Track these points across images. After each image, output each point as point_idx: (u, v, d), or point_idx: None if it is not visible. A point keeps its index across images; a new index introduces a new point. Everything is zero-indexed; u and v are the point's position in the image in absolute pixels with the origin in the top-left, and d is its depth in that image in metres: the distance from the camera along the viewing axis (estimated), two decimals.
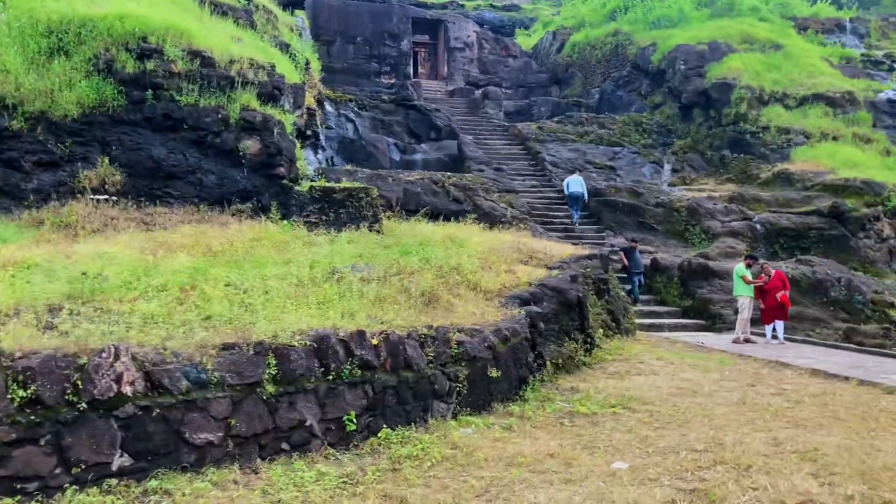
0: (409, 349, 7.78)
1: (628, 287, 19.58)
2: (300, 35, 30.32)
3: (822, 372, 11.26)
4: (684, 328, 18.12)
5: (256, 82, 15.14)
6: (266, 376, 6.49)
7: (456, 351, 8.34)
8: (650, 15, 37.24)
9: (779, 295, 15.70)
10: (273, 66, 15.89)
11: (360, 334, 7.33)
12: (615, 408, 8.91)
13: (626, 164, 30.18)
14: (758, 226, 23.26)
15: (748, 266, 16.00)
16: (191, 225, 12.46)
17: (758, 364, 12.32)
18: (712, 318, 18.32)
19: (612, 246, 22.74)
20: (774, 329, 15.99)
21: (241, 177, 14.67)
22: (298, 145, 17.90)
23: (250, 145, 14.70)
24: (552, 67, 43.74)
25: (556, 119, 33.00)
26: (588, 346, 12.18)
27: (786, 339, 15.99)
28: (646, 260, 20.95)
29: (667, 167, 30.35)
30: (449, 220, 17.98)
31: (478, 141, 30.16)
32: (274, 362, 6.61)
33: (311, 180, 16.93)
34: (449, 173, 22.15)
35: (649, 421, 8.33)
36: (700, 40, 32.96)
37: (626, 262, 20.10)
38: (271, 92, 15.46)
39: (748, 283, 15.66)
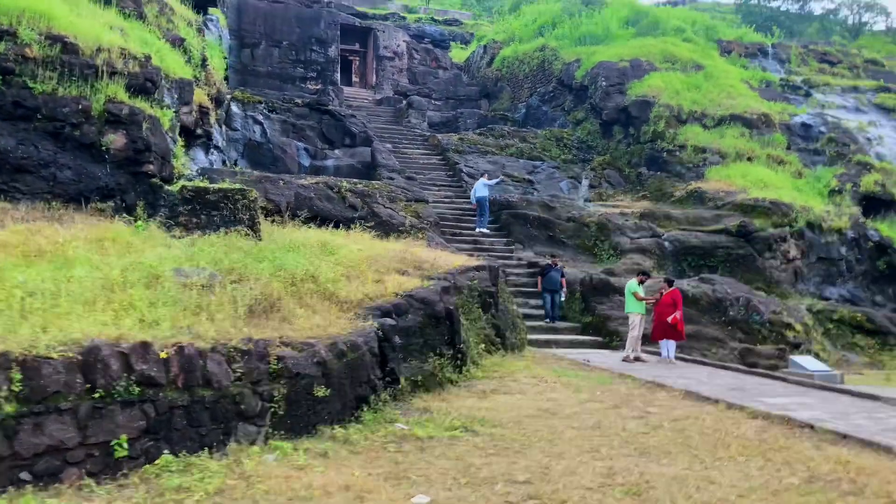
0: (211, 364, 6.92)
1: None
2: (219, 36, 29.25)
3: (695, 394, 10.76)
4: (581, 345, 17.61)
5: (126, 73, 14.10)
6: (3, 394, 5.55)
7: (275, 367, 7.52)
8: (577, 32, 37.20)
9: (670, 318, 15.28)
10: (148, 58, 14.86)
11: (144, 346, 6.44)
12: (457, 430, 8.19)
13: (544, 178, 29.83)
14: (666, 243, 23.03)
15: (641, 282, 15.57)
16: (31, 223, 11.34)
17: (635, 384, 11.80)
18: (610, 336, 17.87)
19: (519, 259, 22.27)
20: (668, 348, 15.56)
21: (102, 173, 13.59)
22: (181, 143, 16.92)
23: (114, 139, 13.65)
24: (482, 81, 43.39)
25: (478, 131, 32.58)
26: (459, 362, 11.47)
27: (678, 358, 15.60)
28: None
29: (584, 182, 30.05)
30: (343, 227, 17.17)
31: (396, 150, 29.45)
32: (19, 377, 5.68)
33: (191, 180, 15.89)
34: (346, 179, 21.31)
35: (485, 446, 7.63)
36: (623, 57, 32.96)
37: (539, 282, 19.52)
38: (143, 84, 14.42)
39: (640, 299, 15.22)
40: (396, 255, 14.09)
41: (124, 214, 13.60)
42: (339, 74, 41.34)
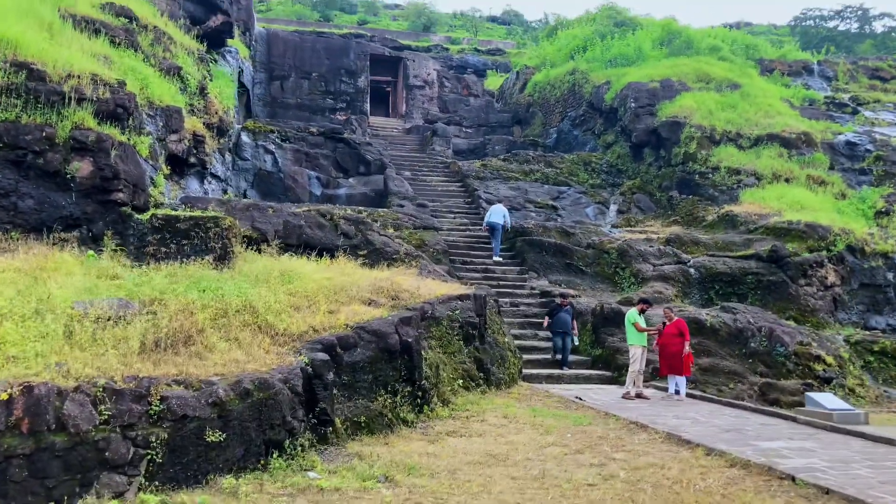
0: (70, 406, 6.14)
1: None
2: (238, 67, 29.23)
3: (677, 437, 9.52)
4: (587, 380, 16.38)
5: (95, 99, 13.70)
6: None
7: (157, 408, 6.68)
8: (608, 54, 36.16)
9: (685, 352, 13.97)
10: (121, 84, 14.49)
11: None
12: (373, 481, 7.20)
13: (569, 203, 28.72)
14: (692, 270, 21.61)
15: (642, 312, 14.33)
16: None
17: (616, 425, 10.58)
18: (619, 370, 16.55)
19: (532, 289, 21.15)
20: (677, 384, 14.23)
21: (66, 202, 13.13)
22: (165, 171, 16.47)
23: (80, 167, 13.20)
24: (514, 107, 42.62)
25: (502, 157, 31.69)
26: (419, 400, 10.47)
27: (688, 395, 14.23)
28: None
29: (612, 208, 28.87)
30: (334, 255, 16.43)
31: (415, 177, 28.79)
32: None
33: (175, 209, 15.37)
34: (345, 206, 20.65)
35: (393, 501, 6.61)
36: (653, 78, 31.74)
37: (545, 322, 17.88)
38: (113, 110, 14.00)
39: (640, 330, 13.97)
40: (374, 284, 13.23)
41: (91, 244, 13.20)
42: (368, 104, 41.14)
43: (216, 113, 20.66)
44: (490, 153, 35.90)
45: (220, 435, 7.09)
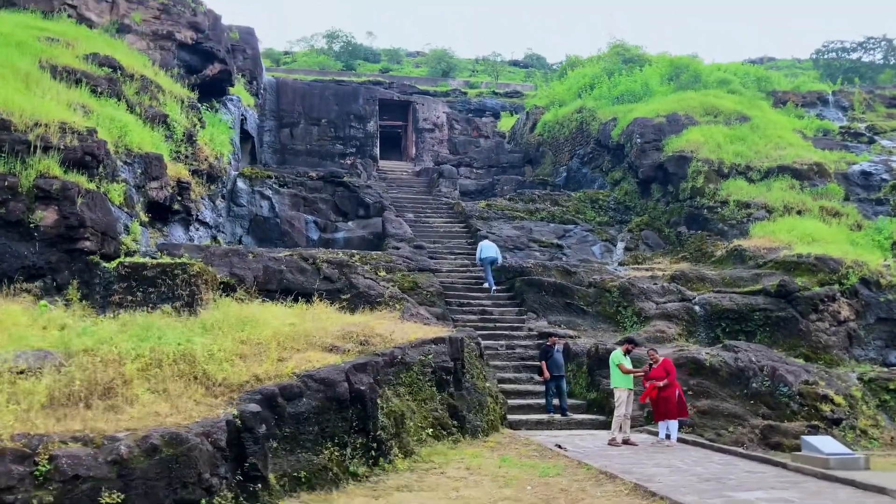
0: None
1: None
2: (241, 115, 29.36)
3: (643, 489, 8.76)
4: (579, 425, 15.59)
5: (61, 147, 13.56)
6: None
7: (44, 468, 6.19)
8: (615, 90, 35.79)
9: (657, 386, 13.20)
10: (91, 132, 14.36)
11: None
12: None
13: (575, 242, 28.10)
14: (697, 307, 20.77)
15: (627, 352, 13.61)
16: None
17: (587, 475, 9.85)
18: (612, 414, 15.71)
19: (530, 330, 20.46)
20: (668, 428, 13.41)
21: (29, 251, 12.93)
22: (143, 219, 16.25)
23: (44, 216, 13.04)
24: (525, 147, 42.33)
25: (507, 196, 31.28)
26: (374, 452, 9.86)
27: (680, 440, 13.40)
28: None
29: (620, 245, 28.16)
30: (315, 300, 15.99)
31: (418, 219, 28.43)
32: None
33: (154, 257, 15.10)
34: (330, 250, 20.28)
35: None
36: (659, 113, 31.24)
37: (545, 370, 16.31)
38: (81, 158, 13.86)
39: (625, 372, 13.23)
40: (344, 329, 12.75)
41: (55, 294, 12.93)
42: (378, 149, 41.15)
43: (205, 159, 20.55)
44: (499, 193, 35.49)
45: (118, 496, 6.57)
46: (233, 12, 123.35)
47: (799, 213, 25.86)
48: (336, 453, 9.31)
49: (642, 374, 13.55)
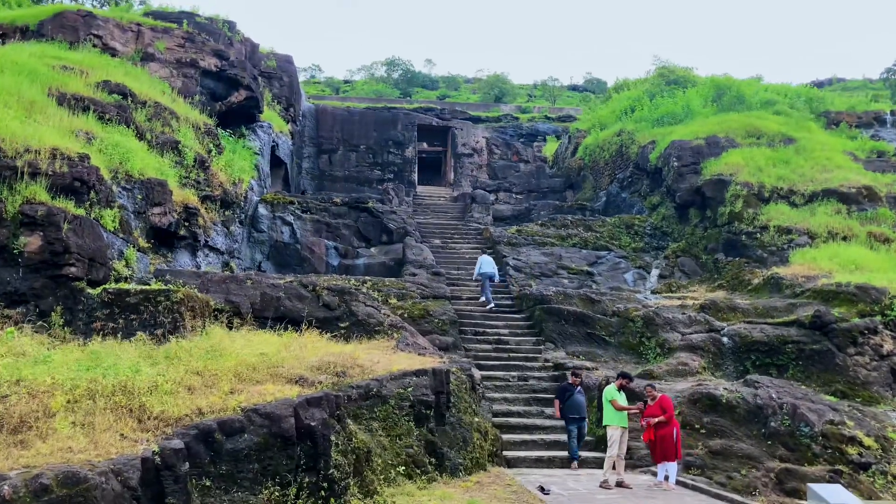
0: None
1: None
2: (272, 142, 29.51)
3: None
4: (582, 463, 14.65)
5: (50, 173, 13.57)
6: None
7: None
8: (655, 112, 34.82)
9: (675, 431, 12.27)
10: (83, 157, 14.35)
11: None
12: None
13: (607, 269, 27.16)
14: (725, 339, 19.60)
15: (622, 387, 12.72)
16: None
17: None
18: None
19: (546, 361, 19.62)
20: (667, 470, 12.45)
21: (12, 277, 12.89)
22: (142, 244, 16.18)
23: (29, 242, 13.01)
24: (567, 171, 41.55)
25: (539, 222, 30.51)
26: (326, 493, 9.28)
27: (680, 483, 12.42)
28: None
29: (654, 273, 27.08)
30: (312, 328, 15.62)
31: (444, 245, 27.97)
32: None
33: (148, 283, 14.96)
34: (333, 276, 19.92)
35: None
36: (698, 135, 30.16)
37: (556, 409, 15.26)
38: (69, 184, 13.84)
39: (619, 409, 12.35)
40: (322, 360, 12.31)
41: (37, 321, 12.83)
42: (416, 174, 41.01)
43: (219, 185, 20.54)
44: (535, 218, 34.71)
45: None
46: (297, 45, 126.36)
47: (844, 238, 24.43)
48: (277, 493, 8.79)
49: (637, 411, 12.64)
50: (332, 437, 9.56)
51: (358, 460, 10.21)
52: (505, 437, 15.60)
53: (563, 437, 15.68)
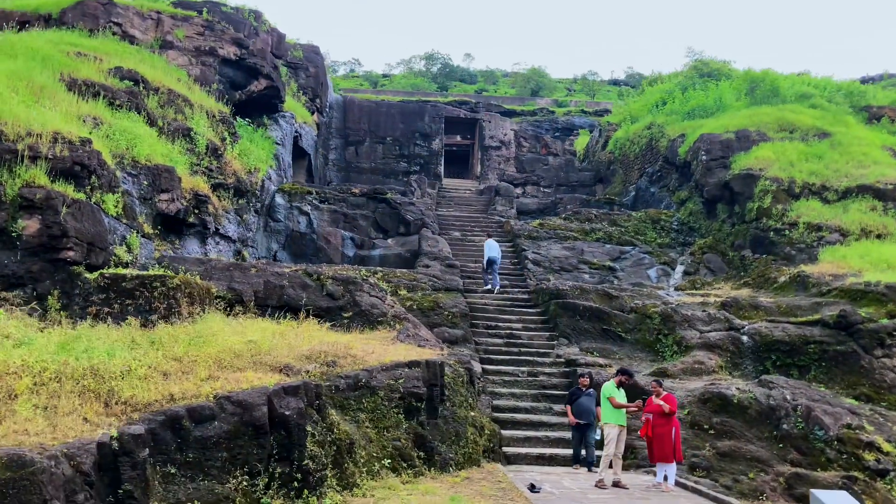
0: None
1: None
2: (295, 132, 29.45)
3: None
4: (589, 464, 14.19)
5: (50, 157, 13.55)
6: None
7: None
8: (686, 106, 33.97)
9: (673, 431, 11.77)
10: (85, 142, 14.31)
11: None
12: None
13: (630, 265, 26.58)
14: (745, 338, 18.93)
15: (621, 384, 12.25)
16: None
17: None
18: (624, 451, 14.28)
19: (558, 357, 19.17)
20: (667, 471, 11.97)
21: (10, 260, 12.88)
22: (147, 230, 16.13)
23: (27, 225, 12.97)
24: (597, 165, 40.90)
25: (563, 216, 29.97)
26: (299, 483, 9.05)
27: (680, 484, 11.93)
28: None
29: (679, 269, 26.43)
30: (315, 317, 15.46)
31: (464, 237, 27.64)
32: None
33: (145, 269, 14.91)
34: (332, 266, 19.74)
35: None
36: (728, 129, 29.31)
37: (570, 415, 14.13)
38: (70, 168, 13.79)
39: (616, 406, 11.90)
40: (315, 349, 12.11)
41: (35, 304, 12.83)
42: (442, 167, 40.72)
43: (233, 174, 20.46)
44: (561, 212, 34.19)
45: None
46: (337, 40, 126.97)
47: (879, 237, 23.51)
48: (245, 483, 8.57)
49: (636, 409, 12.17)
50: (309, 427, 9.32)
51: (339, 452, 9.96)
52: (509, 433, 15.26)
53: (569, 434, 15.25)
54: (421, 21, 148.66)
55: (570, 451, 14.57)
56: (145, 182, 16.27)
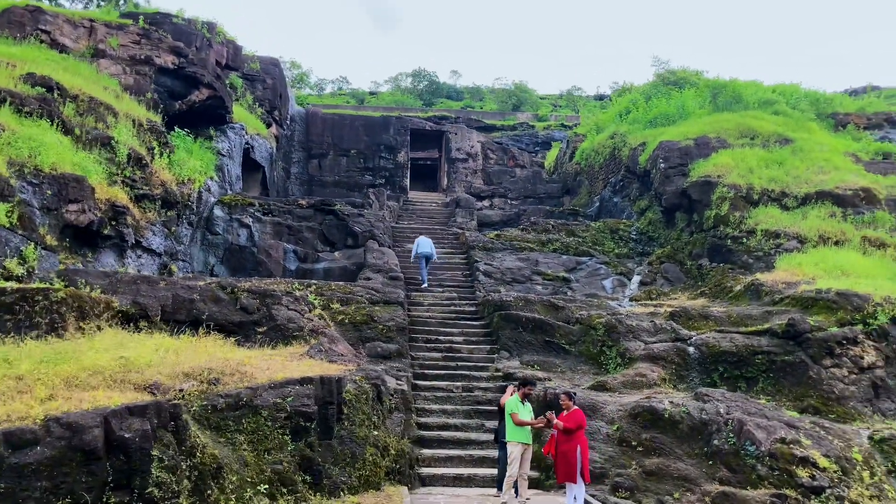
0: None
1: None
2: (245, 143, 28.68)
3: None
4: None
5: None
6: None
7: None
8: (649, 114, 33.37)
9: (578, 449, 10.88)
10: None
11: None
12: None
13: (585, 275, 25.77)
14: (691, 349, 18.10)
15: (525, 397, 11.40)
16: None
17: None
18: (548, 470, 13.42)
19: (496, 371, 18.31)
20: (576, 494, 11.10)
21: None
22: (50, 242, 15.28)
23: None
24: (564, 177, 40.28)
25: (520, 227, 29.29)
26: None
27: None
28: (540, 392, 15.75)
29: (635, 279, 25.66)
30: (226, 332, 14.63)
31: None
32: None
33: (44, 282, 14.04)
34: (252, 279, 18.84)
35: None
36: (688, 136, 28.67)
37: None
38: None
39: (518, 423, 11.04)
40: (200, 366, 11.26)
41: None
42: (408, 179, 40.04)
43: (160, 184, 19.64)
44: (524, 224, 33.50)
45: None
46: (326, 58, 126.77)
47: (837, 243, 22.79)
48: None
49: (541, 425, 11.31)
50: (156, 451, 8.44)
51: (201, 478, 9.08)
52: (431, 452, 14.40)
53: (496, 452, 14.36)
54: (410, 39, 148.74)
55: (494, 471, 13.69)
56: (49, 192, 15.43)
